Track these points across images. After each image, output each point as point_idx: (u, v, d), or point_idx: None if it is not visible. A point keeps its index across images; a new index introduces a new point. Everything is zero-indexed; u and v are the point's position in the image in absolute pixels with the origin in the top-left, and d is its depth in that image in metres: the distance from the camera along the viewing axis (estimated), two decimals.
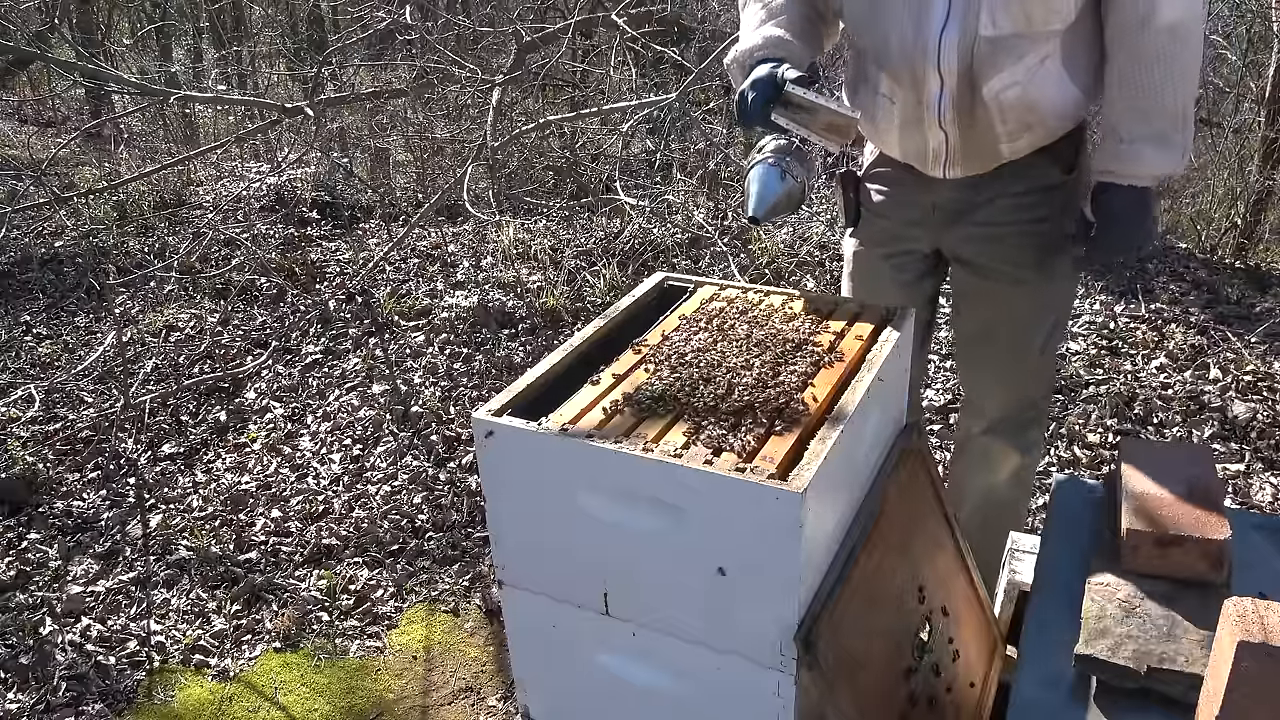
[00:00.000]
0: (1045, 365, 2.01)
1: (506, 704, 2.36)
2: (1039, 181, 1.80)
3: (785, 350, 1.49)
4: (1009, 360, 1.96)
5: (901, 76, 1.71)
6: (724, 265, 4.09)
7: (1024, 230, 1.82)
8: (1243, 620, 0.86)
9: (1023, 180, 1.79)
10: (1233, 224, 4.76)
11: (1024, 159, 1.76)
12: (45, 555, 2.94)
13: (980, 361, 2.02)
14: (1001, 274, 1.87)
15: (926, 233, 1.93)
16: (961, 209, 1.86)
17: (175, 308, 4.45)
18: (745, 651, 1.29)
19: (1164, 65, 1.59)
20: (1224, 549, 1.18)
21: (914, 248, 1.97)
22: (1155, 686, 1.08)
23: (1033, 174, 1.79)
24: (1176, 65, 1.59)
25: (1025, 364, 1.96)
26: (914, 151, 1.81)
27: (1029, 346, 1.93)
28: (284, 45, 7.64)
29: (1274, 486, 2.84)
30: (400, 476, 3.18)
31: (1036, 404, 2.03)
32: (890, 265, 1.99)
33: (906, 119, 1.76)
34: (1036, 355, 1.95)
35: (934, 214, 1.89)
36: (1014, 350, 1.94)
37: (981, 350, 2.00)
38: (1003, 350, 1.95)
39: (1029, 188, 1.80)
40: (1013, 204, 1.81)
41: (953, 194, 1.85)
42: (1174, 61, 1.59)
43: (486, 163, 4.32)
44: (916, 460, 1.59)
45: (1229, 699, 0.87)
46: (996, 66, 1.62)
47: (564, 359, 1.53)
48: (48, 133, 7.51)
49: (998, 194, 1.82)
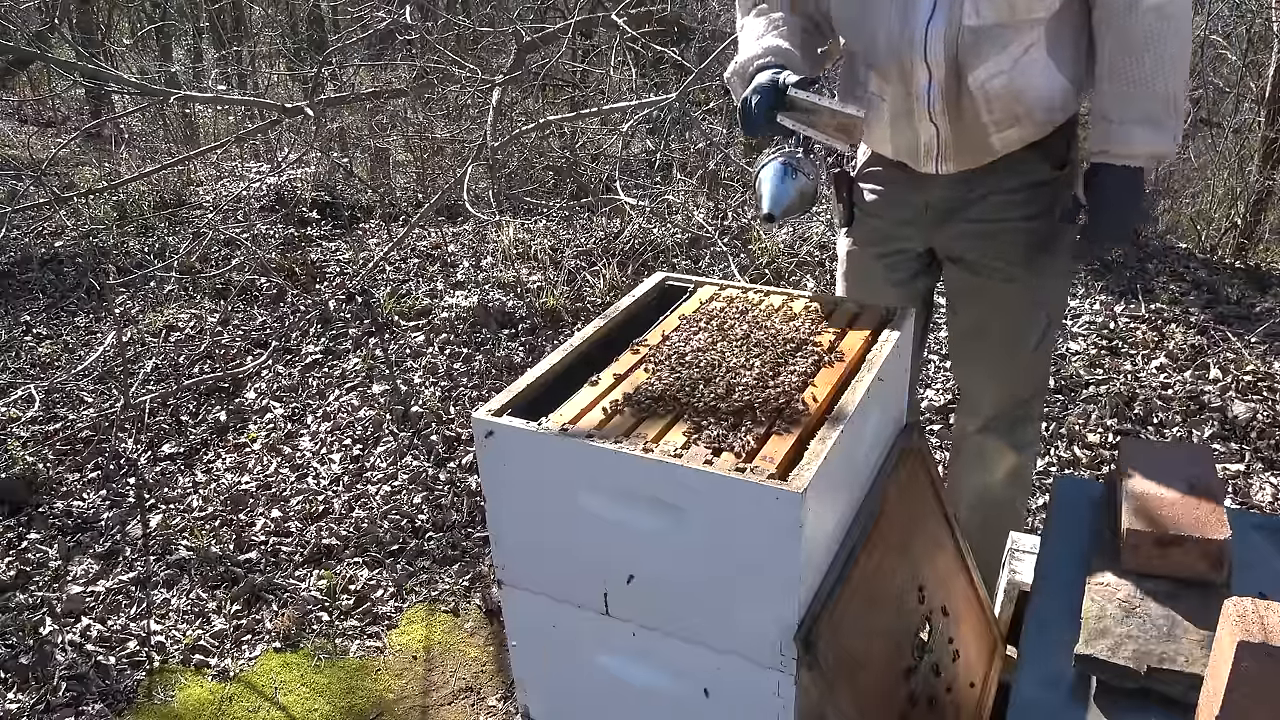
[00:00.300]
0: (1038, 363, 2.01)
1: (506, 704, 2.36)
2: (1030, 177, 1.80)
3: (785, 350, 1.49)
4: (1002, 357, 1.96)
5: (890, 72, 1.72)
6: (724, 265, 4.09)
7: (1016, 227, 1.83)
8: (1243, 620, 0.86)
9: (1014, 176, 1.80)
10: (1233, 224, 4.76)
11: (1016, 154, 1.77)
12: (45, 555, 2.94)
13: (973, 359, 2.03)
14: (993, 271, 1.87)
15: (919, 231, 1.94)
16: (953, 206, 1.86)
17: (175, 308, 4.45)
18: (745, 651, 1.29)
19: (1153, 51, 1.60)
20: (1224, 549, 1.18)
21: (907, 247, 1.98)
22: (1155, 686, 1.08)
23: (1024, 170, 1.79)
24: (1166, 49, 1.60)
25: (1017, 361, 1.96)
26: (906, 147, 1.82)
27: (1021, 344, 1.93)
28: (284, 45, 7.64)
29: (1274, 486, 2.84)
30: (400, 476, 3.18)
31: (1028, 402, 2.03)
32: (883, 265, 1.99)
33: (897, 113, 1.77)
34: (1029, 353, 1.95)
35: (926, 213, 1.90)
36: (1006, 347, 1.94)
37: (974, 347, 2.00)
38: (995, 347, 1.95)
39: (1020, 184, 1.81)
40: (1004, 201, 1.82)
41: (945, 192, 1.85)
42: (1163, 45, 1.60)
43: (486, 163, 4.33)
44: (916, 460, 1.59)
45: (1229, 699, 0.87)
46: (981, 56, 1.64)
47: (564, 359, 1.53)
48: (48, 133, 7.51)
49: (990, 190, 1.82)
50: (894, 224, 1.95)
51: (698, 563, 1.27)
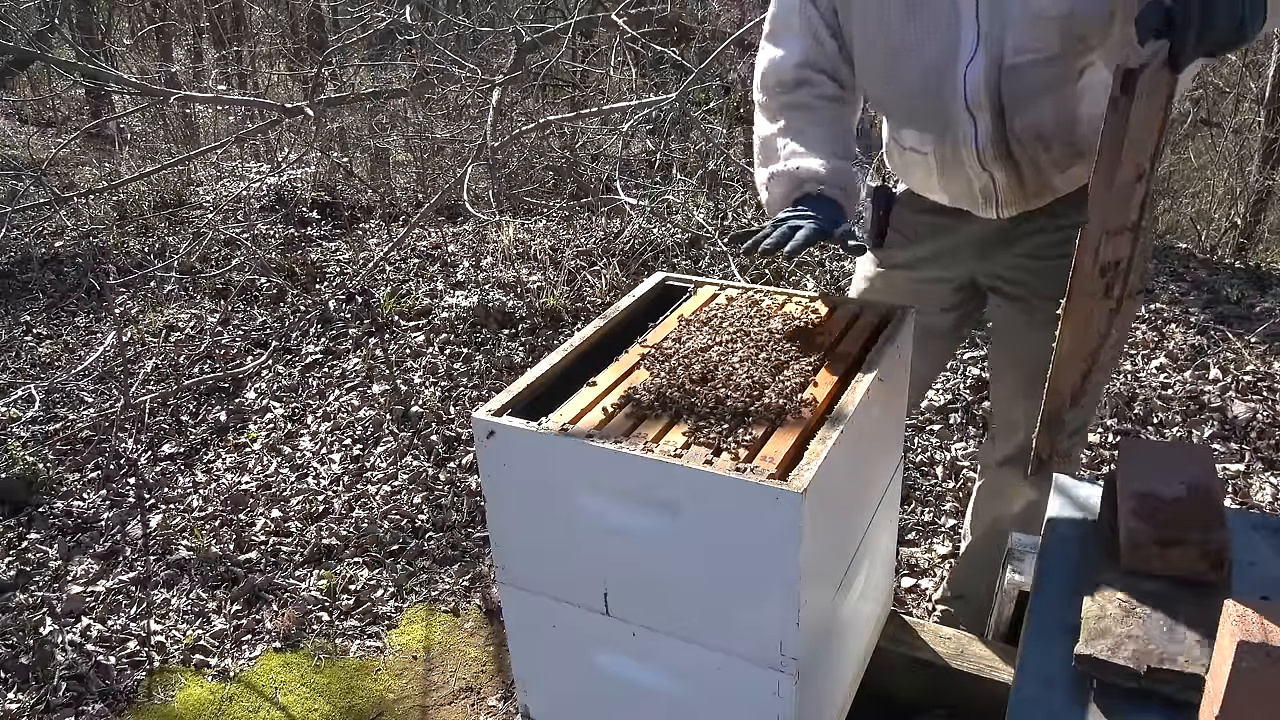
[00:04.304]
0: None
1: (506, 704, 2.36)
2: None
3: (785, 350, 1.49)
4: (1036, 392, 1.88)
5: (930, 123, 1.62)
6: (724, 265, 4.09)
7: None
8: (1243, 620, 0.86)
9: (1073, 211, 1.64)
10: (1233, 224, 4.76)
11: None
12: (45, 555, 2.94)
13: (1010, 390, 1.93)
14: (1037, 306, 1.77)
15: (962, 261, 1.85)
16: (1005, 239, 1.77)
17: (175, 308, 4.45)
18: (745, 652, 1.29)
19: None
20: (1224, 549, 1.18)
21: (946, 275, 1.89)
22: (1155, 686, 1.08)
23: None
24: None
25: None
26: (962, 195, 1.73)
27: None
28: (284, 45, 7.64)
29: (1274, 486, 2.84)
30: (400, 476, 3.17)
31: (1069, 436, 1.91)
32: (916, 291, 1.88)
33: (945, 163, 1.67)
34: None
35: (973, 244, 1.80)
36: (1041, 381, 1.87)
37: (1013, 377, 1.90)
38: (1029, 381, 1.80)
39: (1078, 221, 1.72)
40: (1060, 237, 1.68)
41: (997, 224, 1.75)
42: None
43: (486, 163, 4.32)
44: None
45: (1229, 699, 0.87)
46: (1028, 94, 1.52)
47: (564, 359, 1.53)
48: (48, 133, 7.51)
49: (1043, 227, 1.72)
50: (935, 251, 1.85)
51: (698, 563, 1.27)
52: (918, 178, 1.78)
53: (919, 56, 1.54)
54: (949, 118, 1.58)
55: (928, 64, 1.54)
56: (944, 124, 1.60)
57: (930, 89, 1.56)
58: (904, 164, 1.79)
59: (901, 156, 1.77)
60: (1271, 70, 4.61)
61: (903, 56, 1.56)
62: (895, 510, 1.90)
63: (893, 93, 1.65)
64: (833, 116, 1.67)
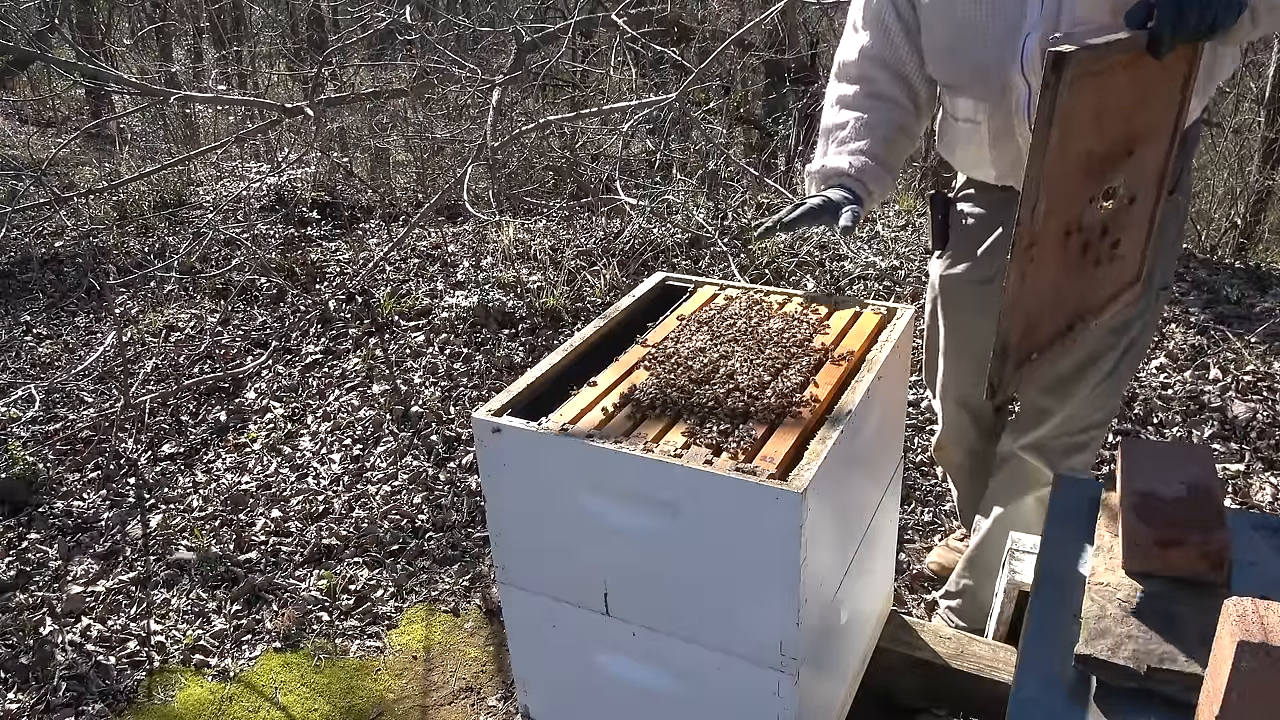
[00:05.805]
0: (1109, 390, 1.90)
1: (506, 704, 2.36)
2: None
3: (785, 350, 1.49)
4: (1071, 380, 1.86)
5: (987, 91, 1.67)
6: (724, 265, 4.09)
7: None
8: (1243, 620, 0.86)
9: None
10: (1233, 224, 4.76)
11: None
12: (45, 555, 2.94)
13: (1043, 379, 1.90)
14: None
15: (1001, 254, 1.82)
16: None
17: (175, 308, 4.45)
18: (745, 652, 1.29)
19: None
20: (1224, 549, 1.18)
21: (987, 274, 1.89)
22: (1155, 686, 1.08)
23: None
24: None
25: (1085, 385, 1.87)
26: (1010, 166, 1.76)
27: (1094, 368, 1.84)
28: (284, 45, 7.64)
29: (1274, 486, 2.84)
30: (400, 476, 3.17)
31: (1089, 430, 1.94)
32: (985, 291, 1.88)
33: (997, 132, 1.72)
34: (1102, 378, 1.86)
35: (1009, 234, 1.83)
36: (1079, 369, 1.85)
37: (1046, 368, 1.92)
38: (1065, 369, 1.84)
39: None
40: None
41: None
42: None
43: (486, 163, 4.32)
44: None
45: (1229, 699, 0.87)
46: None
47: (564, 359, 1.53)
48: (48, 133, 7.51)
49: None
50: (995, 248, 1.86)
51: (698, 563, 1.27)
52: (969, 153, 1.82)
53: (984, 31, 1.63)
54: (1005, 83, 1.65)
55: (992, 37, 1.62)
56: (1000, 91, 1.66)
57: (991, 58, 1.64)
58: (954, 139, 1.83)
59: (953, 130, 1.82)
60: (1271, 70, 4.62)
61: (968, 28, 1.64)
62: (895, 510, 1.90)
63: (955, 65, 1.72)
64: (882, 119, 1.76)
